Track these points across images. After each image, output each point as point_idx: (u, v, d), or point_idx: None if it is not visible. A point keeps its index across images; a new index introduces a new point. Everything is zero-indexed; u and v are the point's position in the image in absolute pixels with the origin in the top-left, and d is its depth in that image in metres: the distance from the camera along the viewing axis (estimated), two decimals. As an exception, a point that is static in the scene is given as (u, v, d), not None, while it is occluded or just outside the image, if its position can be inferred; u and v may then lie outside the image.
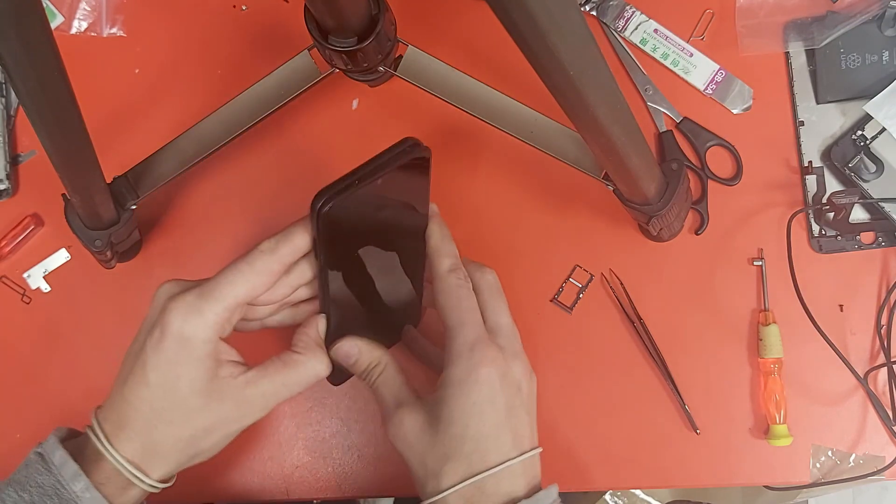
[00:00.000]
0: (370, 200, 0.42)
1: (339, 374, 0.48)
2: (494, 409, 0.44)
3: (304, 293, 0.46)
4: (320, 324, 0.46)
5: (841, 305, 0.56)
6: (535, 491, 0.44)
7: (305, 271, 0.45)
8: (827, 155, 0.56)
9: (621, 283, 0.57)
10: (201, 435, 0.43)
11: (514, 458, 0.44)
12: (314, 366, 0.44)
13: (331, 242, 0.42)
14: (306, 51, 0.51)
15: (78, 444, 0.42)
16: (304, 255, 0.44)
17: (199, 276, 0.57)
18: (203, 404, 0.42)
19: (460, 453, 0.43)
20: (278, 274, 0.43)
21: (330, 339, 0.46)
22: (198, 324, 0.41)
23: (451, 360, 0.45)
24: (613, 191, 0.50)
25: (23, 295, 0.58)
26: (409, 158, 0.42)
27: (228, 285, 0.42)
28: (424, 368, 0.52)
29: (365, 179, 0.40)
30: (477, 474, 0.43)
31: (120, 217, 0.51)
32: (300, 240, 0.43)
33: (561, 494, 0.48)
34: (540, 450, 0.46)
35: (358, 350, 0.47)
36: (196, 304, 0.41)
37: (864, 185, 0.55)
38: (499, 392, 0.44)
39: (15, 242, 0.58)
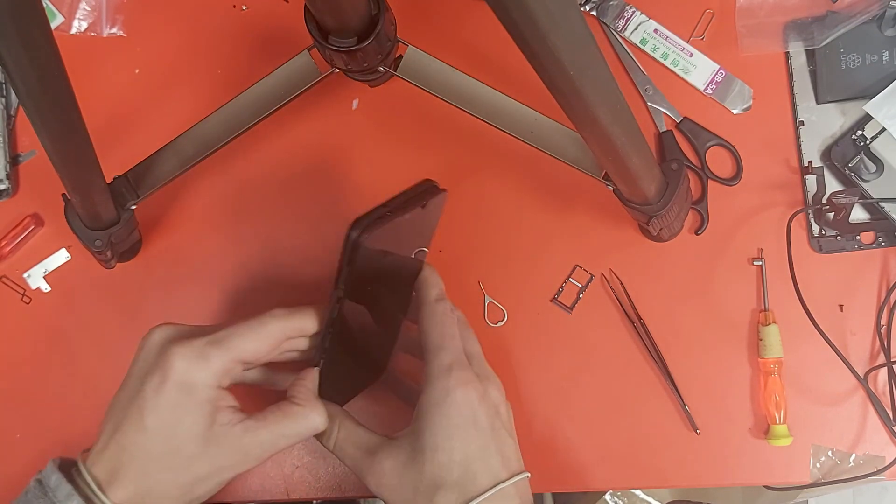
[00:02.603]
0: (395, 235, 0.42)
1: (341, 395, 0.48)
2: (478, 430, 0.43)
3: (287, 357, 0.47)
4: (316, 376, 0.45)
5: (841, 305, 0.56)
6: None
7: (301, 344, 0.46)
8: (827, 155, 0.56)
9: (621, 283, 0.57)
10: (196, 482, 0.42)
11: (506, 480, 0.43)
12: (314, 419, 0.44)
13: (355, 274, 0.42)
14: (306, 51, 0.51)
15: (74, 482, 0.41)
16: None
17: (198, 276, 0.58)
18: (201, 451, 0.41)
19: (450, 481, 0.42)
20: (282, 341, 0.44)
21: (322, 375, 0.46)
22: (203, 370, 0.41)
23: (428, 382, 0.44)
24: (613, 191, 0.50)
25: (23, 295, 0.58)
26: (434, 197, 0.43)
27: (238, 338, 0.42)
28: (402, 408, 0.51)
29: (397, 212, 0.41)
30: (471, 500, 0.42)
31: (120, 217, 0.51)
32: (310, 320, 0.45)
33: (561, 494, 0.48)
34: (528, 475, 0.45)
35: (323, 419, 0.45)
36: (204, 350, 0.42)
37: (864, 185, 0.55)
38: (480, 412, 0.43)
39: (15, 242, 0.58)
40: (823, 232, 0.56)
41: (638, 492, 0.89)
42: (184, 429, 0.41)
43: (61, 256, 0.59)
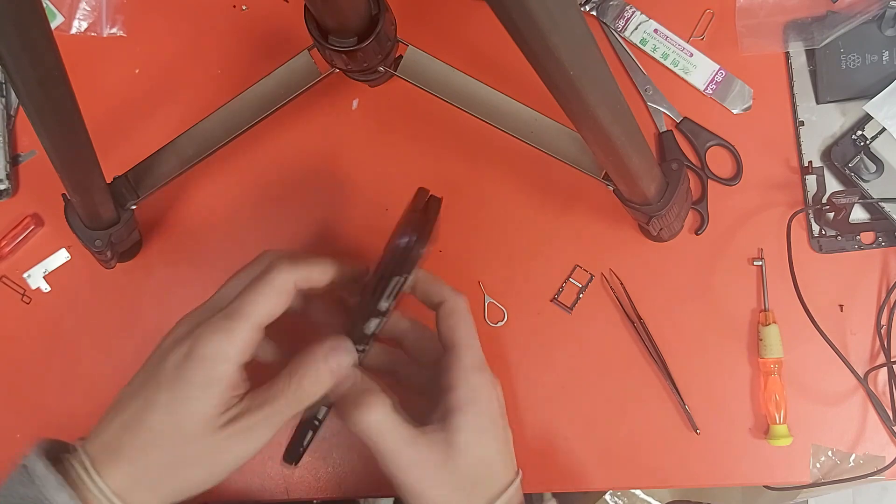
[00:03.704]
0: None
1: (293, 452, 0.45)
2: (497, 431, 0.45)
3: None
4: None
5: (841, 305, 0.56)
6: None
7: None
8: (827, 155, 0.56)
9: (621, 283, 0.57)
10: (190, 464, 0.40)
11: (515, 478, 0.45)
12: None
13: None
14: (306, 51, 0.51)
15: (62, 466, 0.40)
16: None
17: (198, 276, 0.58)
18: (202, 432, 0.39)
19: (480, 479, 0.43)
20: (293, 294, 0.42)
21: None
22: (225, 344, 0.40)
23: (459, 381, 0.44)
24: (613, 191, 0.50)
25: (23, 295, 0.58)
26: (438, 209, 0.45)
27: (251, 304, 0.41)
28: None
29: (424, 236, 0.43)
30: (496, 497, 0.43)
31: (120, 217, 0.51)
32: (317, 267, 0.43)
33: (561, 494, 0.48)
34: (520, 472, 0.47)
35: (353, 378, 0.43)
36: (223, 324, 0.40)
37: (864, 185, 0.55)
38: (498, 414, 0.45)
39: (15, 242, 0.58)
40: (823, 232, 0.56)
41: (638, 492, 0.90)
42: (194, 406, 0.39)
43: (61, 256, 0.59)
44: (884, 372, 0.55)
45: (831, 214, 0.55)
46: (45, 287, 0.58)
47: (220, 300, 0.43)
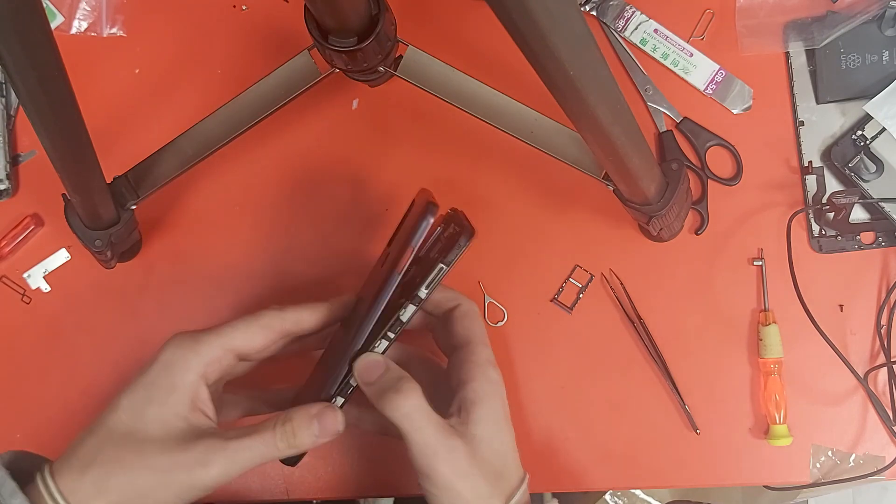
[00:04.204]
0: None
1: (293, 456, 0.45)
2: (509, 426, 0.45)
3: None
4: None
5: (841, 305, 0.56)
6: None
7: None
8: (827, 155, 0.56)
9: (621, 283, 0.57)
10: (144, 469, 0.39)
11: (525, 476, 0.46)
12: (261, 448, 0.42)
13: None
14: (306, 51, 0.51)
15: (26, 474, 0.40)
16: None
17: (198, 276, 0.58)
18: (160, 437, 0.40)
19: (498, 474, 0.44)
20: (278, 335, 0.45)
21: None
22: (190, 353, 0.42)
23: (475, 374, 0.45)
24: (613, 191, 0.50)
25: (23, 295, 0.58)
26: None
27: (230, 328, 0.44)
28: None
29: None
30: (515, 490, 0.44)
31: (120, 217, 0.51)
32: (306, 314, 0.46)
33: (561, 494, 0.48)
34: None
35: (385, 365, 0.43)
36: (194, 336, 0.43)
37: (864, 185, 0.55)
38: (506, 410, 0.46)
39: (15, 242, 0.58)
40: (823, 232, 0.56)
41: (638, 492, 0.89)
42: (156, 409, 0.41)
43: (61, 256, 0.59)
44: (884, 372, 0.55)
45: (831, 214, 0.55)
46: (45, 287, 0.58)
47: None
